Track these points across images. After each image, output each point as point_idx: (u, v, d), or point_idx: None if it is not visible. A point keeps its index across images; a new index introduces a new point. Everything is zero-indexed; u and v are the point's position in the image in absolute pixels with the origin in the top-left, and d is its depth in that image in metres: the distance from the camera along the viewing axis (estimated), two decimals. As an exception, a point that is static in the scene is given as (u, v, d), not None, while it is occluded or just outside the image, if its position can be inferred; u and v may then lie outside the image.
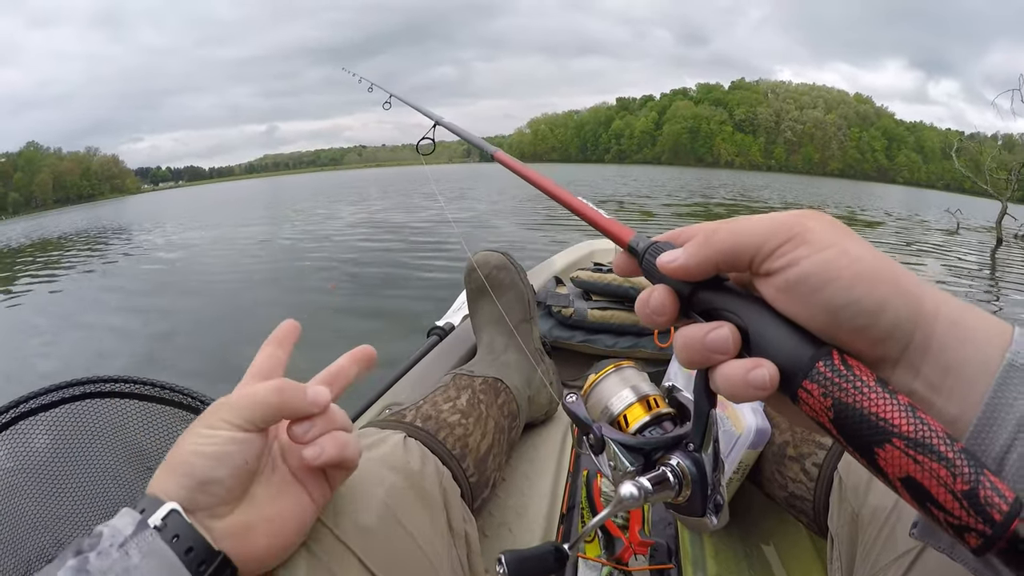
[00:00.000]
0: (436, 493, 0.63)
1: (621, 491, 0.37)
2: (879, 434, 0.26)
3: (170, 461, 0.38)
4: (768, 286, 0.29)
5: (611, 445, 0.43)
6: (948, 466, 0.24)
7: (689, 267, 0.31)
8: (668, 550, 0.76)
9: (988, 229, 10.22)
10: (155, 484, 0.38)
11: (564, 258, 1.92)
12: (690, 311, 0.33)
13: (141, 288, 6.26)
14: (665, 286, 0.33)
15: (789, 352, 0.28)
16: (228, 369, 3.25)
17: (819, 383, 0.27)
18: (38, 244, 13.52)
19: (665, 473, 0.38)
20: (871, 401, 0.26)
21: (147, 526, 0.35)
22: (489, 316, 1.07)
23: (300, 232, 9.92)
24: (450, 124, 0.75)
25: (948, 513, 0.24)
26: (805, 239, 0.28)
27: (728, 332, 0.30)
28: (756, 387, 0.28)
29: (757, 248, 0.29)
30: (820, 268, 0.28)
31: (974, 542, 0.24)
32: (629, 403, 0.50)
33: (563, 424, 1.12)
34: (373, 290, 4.98)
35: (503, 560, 0.39)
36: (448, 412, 0.77)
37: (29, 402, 0.81)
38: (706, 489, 0.38)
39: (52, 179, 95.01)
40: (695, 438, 0.37)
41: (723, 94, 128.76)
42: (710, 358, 0.30)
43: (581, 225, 2.48)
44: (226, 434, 0.39)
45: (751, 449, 0.75)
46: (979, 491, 0.24)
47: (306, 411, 0.42)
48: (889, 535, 0.50)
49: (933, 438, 0.25)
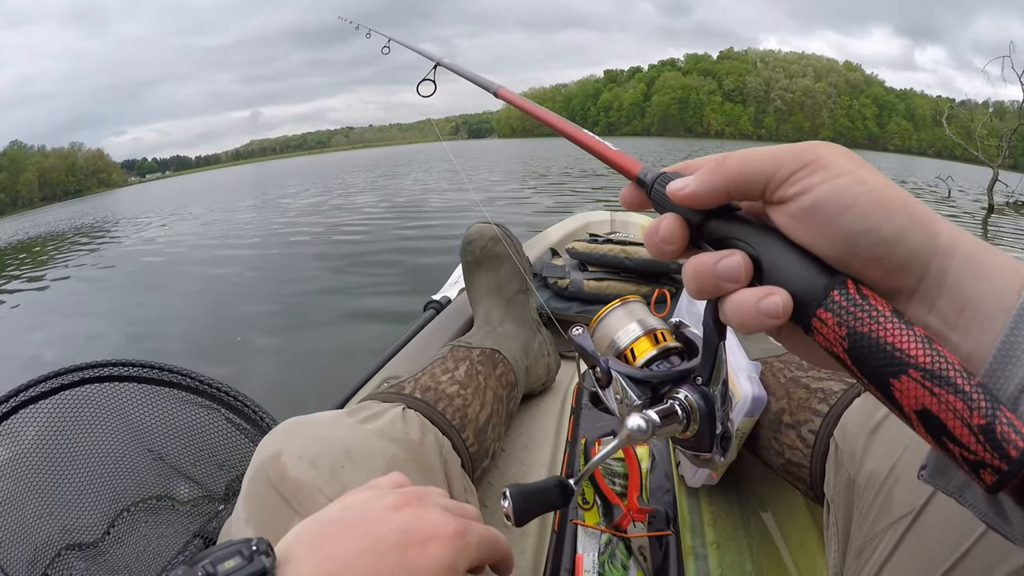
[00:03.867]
0: (436, 463, 0.63)
1: (628, 423, 0.36)
2: (895, 365, 0.25)
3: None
4: (781, 214, 0.29)
5: (618, 378, 0.42)
6: (965, 399, 0.23)
7: (700, 194, 0.30)
8: (666, 517, 0.77)
9: (980, 195, 10.25)
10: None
11: (560, 230, 1.92)
12: (700, 241, 0.32)
13: (129, 280, 6.20)
14: (674, 215, 0.32)
15: (803, 280, 0.27)
16: (220, 348, 3.26)
17: (834, 312, 0.26)
18: (26, 242, 13.36)
19: (673, 406, 0.37)
20: (887, 331, 0.25)
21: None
22: (486, 288, 1.07)
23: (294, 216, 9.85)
24: (451, 64, 0.73)
25: (964, 448, 0.23)
26: (820, 165, 0.28)
27: (740, 259, 0.29)
28: (768, 315, 0.27)
29: (771, 174, 0.28)
30: (836, 194, 0.27)
31: (989, 479, 0.23)
32: (636, 336, 0.48)
33: (561, 394, 1.13)
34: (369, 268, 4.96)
35: (507, 493, 0.38)
36: (447, 383, 0.77)
37: (29, 390, 0.81)
38: (714, 424, 0.37)
39: (38, 177, 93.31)
40: (703, 372, 0.37)
41: (711, 64, 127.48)
42: (721, 287, 0.29)
43: (576, 196, 2.47)
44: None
45: (748, 417, 0.76)
46: (996, 426, 0.23)
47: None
48: (885, 500, 0.50)
49: (950, 370, 0.24)
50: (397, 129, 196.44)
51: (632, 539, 0.73)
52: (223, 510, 0.85)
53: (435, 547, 0.33)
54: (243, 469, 0.58)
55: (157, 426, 0.89)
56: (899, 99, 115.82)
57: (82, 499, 0.83)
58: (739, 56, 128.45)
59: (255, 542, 0.31)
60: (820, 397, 0.69)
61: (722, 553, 0.78)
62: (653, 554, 0.73)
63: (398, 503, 0.35)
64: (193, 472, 0.90)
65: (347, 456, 0.54)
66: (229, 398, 0.90)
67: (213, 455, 0.90)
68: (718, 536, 0.81)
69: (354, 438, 0.58)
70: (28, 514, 0.78)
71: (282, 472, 0.52)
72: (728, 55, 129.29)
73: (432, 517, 0.35)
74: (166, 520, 0.87)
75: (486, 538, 0.37)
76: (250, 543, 0.30)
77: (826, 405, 0.67)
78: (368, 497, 0.36)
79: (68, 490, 0.82)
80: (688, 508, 0.85)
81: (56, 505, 0.81)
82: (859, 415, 0.60)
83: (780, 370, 0.79)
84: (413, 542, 0.33)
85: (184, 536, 0.83)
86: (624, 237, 1.39)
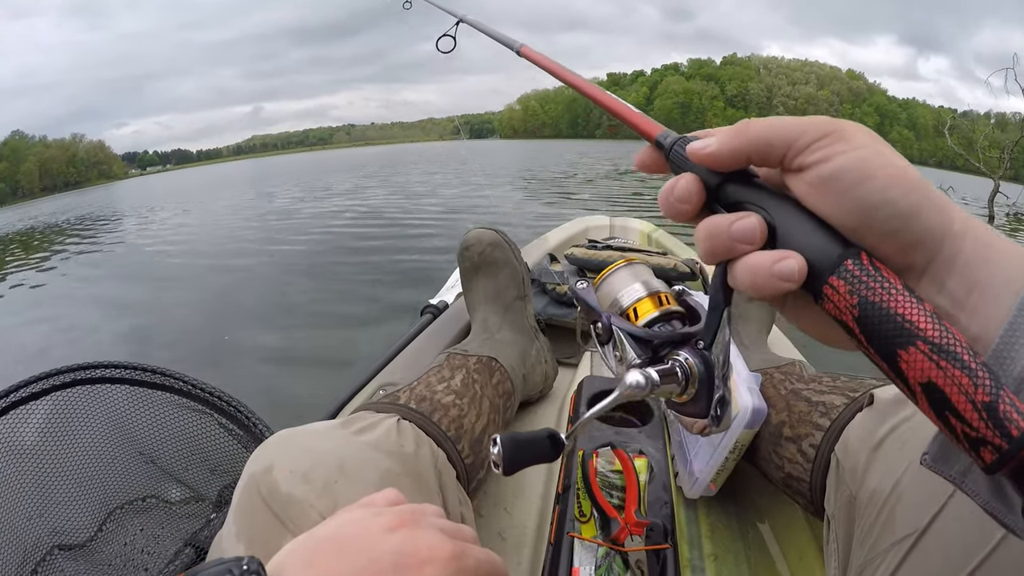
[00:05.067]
0: (431, 476, 0.62)
1: (627, 378, 0.36)
2: (904, 336, 0.25)
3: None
4: (800, 181, 0.29)
5: (619, 335, 0.42)
6: (971, 375, 0.24)
7: (721, 154, 0.30)
8: (664, 530, 0.76)
9: (980, 206, 10.26)
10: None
11: (558, 235, 1.91)
12: (715, 204, 0.32)
13: (127, 274, 6.20)
14: (692, 175, 0.32)
15: (818, 248, 0.28)
16: (215, 352, 3.24)
17: (846, 280, 0.27)
18: (26, 233, 13.37)
19: (673, 367, 0.37)
20: (898, 303, 0.26)
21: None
22: (483, 294, 1.06)
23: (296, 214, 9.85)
24: (474, 21, 0.71)
25: (967, 424, 0.24)
26: (842, 136, 0.28)
27: (756, 222, 0.29)
28: (783, 278, 0.27)
29: (792, 140, 0.28)
30: (856, 165, 0.27)
31: (989, 457, 0.23)
32: (639, 296, 0.48)
33: (558, 402, 1.12)
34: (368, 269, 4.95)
35: (498, 440, 0.38)
36: (442, 393, 0.76)
37: (20, 390, 0.80)
38: (712, 389, 0.36)
39: (38, 167, 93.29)
40: (706, 336, 0.36)
41: (714, 69, 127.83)
42: (735, 248, 0.29)
43: (575, 202, 2.47)
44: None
45: (747, 429, 0.75)
46: (999, 404, 0.23)
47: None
48: (888, 519, 0.50)
49: (957, 347, 0.24)
50: (400, 127, 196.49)
51: (630, 552, 0.72)
52: (215, 518, 0.84)
53: (431, 570, 0.33)
54: (236, 475, 0.57)
55: (149, 430, 0.88)
56: (901, 108, 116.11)
57: (71, 501, 0.82)
58: (742, 62, 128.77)
59: (246, 561, 0.30)
60: (821, 411, 0.68)
61: (720, 565, 0.78)
62: (650, 567, 0.72)
63: (393, 524, 0.35)
64: (184, 476, 0.89)
65: (340, 470, 0.54)
66: (222, 403, 0.89)
67: (205, 460, 0.89)
68: (716, 548, 0.80)
69: (348, 451, 0.57)
70: (17, 515, 0.77)
71: (273, 487, 0.51)
72: (731, 61, 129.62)
73: (428, 539, 0.34)
74: (156, 524, 0.86)
75: (483, 561, 0.36)
76: (241, 562, 0.30)
77: (827, 419, 0.67)
78: (363, 516, 0.36)
79: (56, 492, 0.81)
80: (686, 520, 0.84)
81: (45, 507, 0.80)
82: (861, 431, 0.60)
83: (781, 382, 0.78)
84: (409, 564, 0.32)
85: (175, 543, 0.82)
86: (623, 243, 1.39)
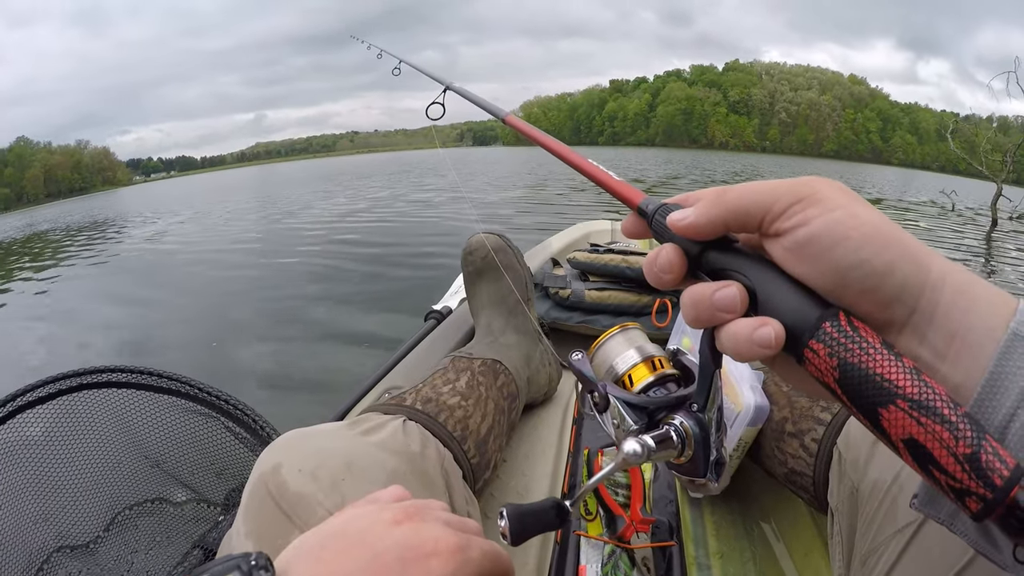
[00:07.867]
0: (438, 475, 0.62)
1: (624, 447, 0.37)
2: (883, 395, 0.25)
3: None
4: (777, 246, 0.29)
5: (615, 403, 0.43)
6: (951, 429, 0.24)
7: (699, 225, 0.31)
8: (669, 527, 0.77)
9: (983, 210, 10.23)
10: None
11: (561, 239, 1.92)
12: (697, 271, 0.33)
13: (131, 280, 6.21)
14: (673, 245, 0.33)
15: (796, 312, 0.28)
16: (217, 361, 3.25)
17: (825, 343, 0.27)
18: (32, 238, 13.44)
19: (668, 432, 0.38)
20: (876, 362, 0.26)
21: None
22: (487, 298, 1.06)
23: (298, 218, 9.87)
24: (460, 88, 0.74)
25: (950, 476, 0.24)
26: (816, 200, 0.28)
27: (736, 291, 0.30)
28: (762, 345, 0.28)
29: (768, 207, 0.29)
30: (830, 228, 0.28)
31: (974, 506, 0.24)
32: (634, 363, 0.50)
33: (563, 404, 1.12)
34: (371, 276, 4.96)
35: (504, 513, 0.39)
36: (448, 394, 0.77)
37: (26, 395, 0.81)
38: (708, 450, 0.37)
39: (43, 173, 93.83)
40: (699, 398, 0.37)
41: (717, 76, 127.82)
42: (717, 316, 0.30)
43: (578, 206, 2.47)
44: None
45: (750, 426, 0.75)
46: (981, 455, 0.23)
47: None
48: (889, 509, 0.50)
49: (937, 401, 0.25)
50: (402, 135, 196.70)
51: (635, 550, 0.73)
52: (223, 521, 0.84)
53: (436, 562, 0.33)
54: (243, 479, 0.57)
55: (156, 433, 0.88)
56: (903, 113, 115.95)
57: (78, 504, 0.83)
58: (745, 68, 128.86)
59: (254, 556, 0.30)
60: (823, 406, 0.69)
61: (725, 563, 0.78)
62: (656, 565, 0.73)
63: (399, 517, 0.35)
64: (191, 480, 0.90)
65: (348, 469, 0.54)
66: (229, 407, 0.89)
67: (212, 463, 0.90)
68: (721, 546, 0.80)
69: (355, 450, 0.58)
70: (24, 517, 0.78)
71: (282, 485, 0.52)
72: (733, 67, 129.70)
73: (433, 532, 0.34)
74: (165, 527, 0.86)
75: (488, 553, 0.36)
76: (249, 558, 0.30)
77: (829, 414, 0.67)
78: (369, 511, 0.36)
79: (64, 494, 0.82)
80: (691, 518, 0.84)
81: (51, 509, 0.81)
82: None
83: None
84: (414, 557, 0.32)
85: (183, 546, 0.82)
86: (625, 247, 1.39)
